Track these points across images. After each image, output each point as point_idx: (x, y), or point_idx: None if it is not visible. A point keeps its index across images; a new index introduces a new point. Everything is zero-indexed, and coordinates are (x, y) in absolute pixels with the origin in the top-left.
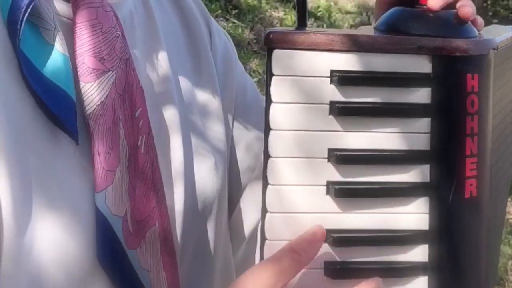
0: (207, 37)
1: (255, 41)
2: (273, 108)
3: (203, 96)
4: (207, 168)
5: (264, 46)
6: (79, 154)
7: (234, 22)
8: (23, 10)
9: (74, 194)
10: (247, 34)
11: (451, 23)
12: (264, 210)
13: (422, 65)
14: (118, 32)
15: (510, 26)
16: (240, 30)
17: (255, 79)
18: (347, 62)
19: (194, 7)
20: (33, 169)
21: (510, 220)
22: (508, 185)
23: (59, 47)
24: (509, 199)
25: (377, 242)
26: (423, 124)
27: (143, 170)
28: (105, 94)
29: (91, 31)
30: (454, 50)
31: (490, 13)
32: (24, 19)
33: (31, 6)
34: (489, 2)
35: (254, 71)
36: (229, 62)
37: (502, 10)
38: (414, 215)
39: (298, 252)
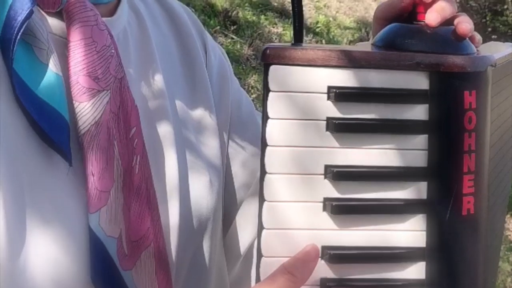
0: (202, 53)
1: (253, 57)
2: (270, 124)
3: (198, 113)
4: (202, 185)
5: (261, 61)
6: (72, 175)
7: (232, 38)
8: (17, 29)
9: (68, 215)
10: (246, 50)
11: (449, 40)
12: (260, 227)
13: (419, 81)
14: (112, 51)
15: (509, 43)
16: (238, 45)
17: (254, 95)
18: (344, 78)
19: (189, 23)
20: (26, 190)
21: (509, 237)
22: (506, 202)
23: (52, 67)
24: (507, 216)
25: (374, 259)
26: (421, 140)
27: (137, 190)
28: (99, 114)
29: (85, 50)
30: (451, 66)
31: (489, 29)
32: (18, 38)
33: (24, 25)
34: (488, 18)
35: (252, 87)
36: (225, 78)
37: (501, 26)
38: (411, 232)
39: (292, 273)
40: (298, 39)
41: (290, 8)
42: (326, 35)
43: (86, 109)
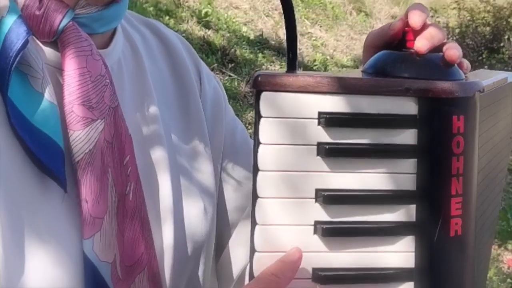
0: (196, 82)
1: (251, 94)
2: (262, 149)
3: (192, 141)
4: (196, 211)
5: (252, 88)
6: (67, 201)
7: (230, 75)
8: (12, 58)
9: (63, 240)
10: (243, 87)
11: (438, 66)
12: (252, 250)
13: (408, 106)
14: (107, 81)
15: (498, 71)
16: (236, 83)
17: (251, 130)
18: (335, 104)
19: (184, 52)
20: (23, 216)
21: (503, 269)
22: (493, 227)
23: (47, 95)
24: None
25: (365, 280)
26: (409, 164)
27: (131, 216)
28: (93, 143)
29: (80, 79)
30: (440, 92)
31: (486, 67)
32: (13, 69)
33: (19, 55)
34: (484, 55)
35: (250, 124)
36: (219, 107)
37: (497, 63)
38: (400, 253)
39: (276, 275)
40: (291, 68)
41: (286, 46)
42: None
43: (81, 137)
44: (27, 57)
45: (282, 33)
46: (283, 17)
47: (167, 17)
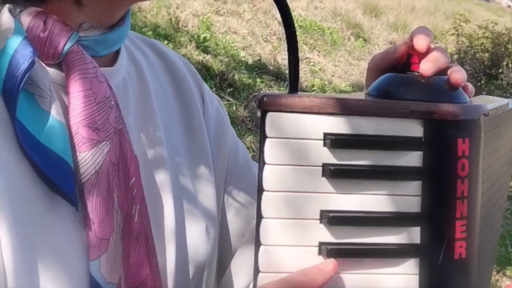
0: (199, 103)
1: (249, 118)
2: (267, 169)
3: (195, 162)
4: (198, 232)
5: (258, 108)
6: (76, 221)
7: (228, 100)
8: (19, 79)
9: (71, 260)
10: (241, 112)
11: (442, 89)
12: (256, 270)
13: (413, 129)
14: (112, 102)
15: (499, 98)
16: (234, 107)
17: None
18: (340, 125)
19: (187, 74)
20: (32, 236)
21: None
22: (494, 252)
23: (55, 115)
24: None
25: None
26: (414, 187)
27: (136, 238)
28: (99, 164)
29: (85, 101)
30: (445, 114)
31: (484, 93)
32: (20, 88)
33: (26, 75)
34: (483, 82)
35: (248, 148)
36: (222, 128)
37: (496, 89)
38: (404, 275)
39: (307, 276)
40: (293, 89)
41: (285, 71)
42: None
43: (87, 159)
44: (34, 77)
45: (281, 58)
46: (282, 42)
47: (165, 42)
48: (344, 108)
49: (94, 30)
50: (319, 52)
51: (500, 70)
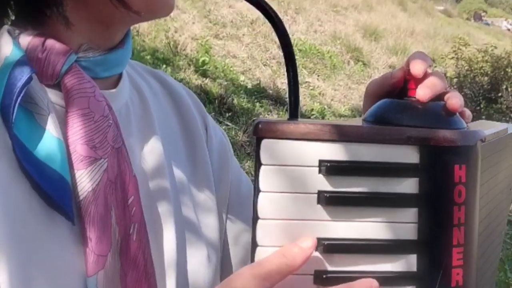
0: (203, 132)
1: (248, 143)
2: (261, 197)
3: (198, 188)
4: (199, 259)
5: (253, 135)
6: (73, 238)
7: (227, 125)
8: (16, 94)
9: (68, 276)
10: (241, 137)
11: (439, 115)
12: None
13: (410, 155)
14: (110, 121)
15: (498, 123)
16: (233, 132)
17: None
18: (335, 152)
19: (190, 102)
20: (29, 251)
21: None
22: (493, 278)
23: (53, 131)
24: None
25: None
26: (411, 214)
27: (134, 257)
28: (96, 181)
29: (83, 120)
30: (442, 140)
31: (483, 117)
32: (17, 104)
33: (24, 90)
34: (482, 105)
35: (247, 173)
36: (225, 158)
37: (495, 113)
38: None
39: (287, 257)
40: (293, 115)
41: (285, 95)
42: None
43: (84, 176)
44: (32, 95)
45: (280, 82)
46: (281, 66)
47: (164, 66)
48: (340, 134)
49: (93, 51)
50: (318, 76)
51: (500, 94)
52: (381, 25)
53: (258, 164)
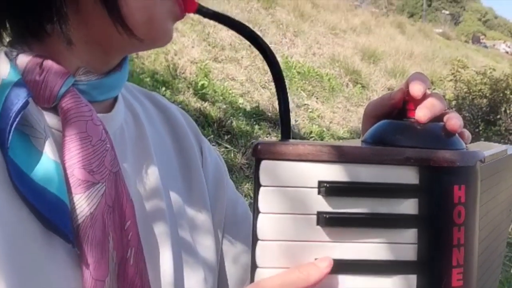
0: (198, 155)
1: (247, 165)
2: (261, 218)
3: (194, 211)
4: (196, 280)
5: (252, 156)
6: (71, 261)
7: (226, 147)
8: (12, 118)
9: None
10: (239, 159)
11: (439, 136)
12: None
13: (409, 176)
14: (107, 145)
15: (498, 144)
16: (232, 154)
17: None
18: (335, 172)
19: (185, 125)
20: (28, 275)
21: None
22: None
23: (50, 154)
24: None
25: None
26: (410, 234)
27: (132, 282)
28: (94, 206)
29: (80, 144)
30: (441, 161)
31: (482, 139)
32: (13, 128)
33: (20, 114)
34: (481, 128)
35: (246, 195)
36: (220, 180)
37: (494, 136)
38: None
39: (302, 272)
40: (285, 136)
41: (279, 114)
42: None
43: (82, 200)
44: (28, 118)
45: None
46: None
47: (163, 88)
48: (339, 155)
49: (90, 75)
50: (317, 98)
51: (498, 116)
52: (379, 47)
53: (257, 185)
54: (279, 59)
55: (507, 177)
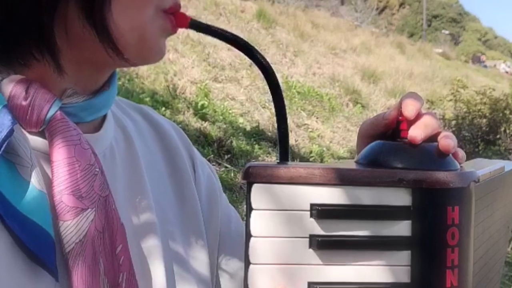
0: (190, 170)
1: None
2: (253, 241)
3: (187, 226)
4: None
5: (244, 180)
6: None
7: (226, 167)
8: None
9: None
10: (239, 179)
11: (432, 156)
12: None
13: (402, 197)
14: (97, 170)
15: (495, 160)
16: (232, 174)
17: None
18: (327, 195)
19: (177, 139)
20: None
21: None
22: None
23: (36, 184)
24: None
25: None
26: (403, 256)
27: None
28: (83, 233)
29: (68, 169)
30: (434, 182)
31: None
32: None
33: (4, 144)
34: (480, 147)
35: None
36: (214, 195)
37: (493, 155)
38: None
39: None
40: (284, 159)
41: (277, 133)
42: None
43: (70, 227)
44: (14, 145)
45: None
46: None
47: (163, 108)
48: (331, 177)
49: (78, 97)
50: (317, 118)
51: (498, 136)
52: (379, 67)
53: (249, 208)
54: (279, 79)
55: (503, 194)
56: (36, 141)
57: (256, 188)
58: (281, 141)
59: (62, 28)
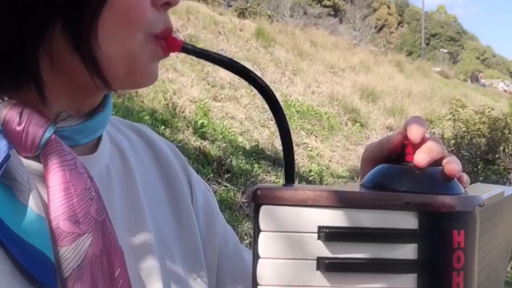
0: (187, 188)
1: (247, 204)
2: (261, 263)
3: (185, 246)
4: None
5: (252, 201)
6: None
7: (226, 186)
8: None
9: None
10: (239, 198)
11: (437, 180)
12: None
13: (408, 221)
14: (93, 194)
15: (496, 185)
16: (232, 193)
17: (247, 241)
18: (334, 218)
19: (172, 158)
20: None
21: None
22: None
23: (34, 208)
24: None
25: None
26: (410, 279)
27: None
28: (81, 258)
29: (64, 194)
30: (440, 206)
31: (481, 178)
32: None
33: (2, 169)
34: (479, 167)
35: (246, 234)
36: (211, 212)
37: (492, 175)
38: None
39: None
40: (289, 181)
41: (283, 157)
42: (319, 184)
43: (68, 253)
44: (11, 170)
45: (278, 144)
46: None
47: (162, 127)
48: (338, 200)
49: (72, 120)
50: (316, 137)
51: (497, 155)
52: (378, 86)
53: (257, 230)
54: (278, 97)
55: (504, 219)
56: (31, 165)
57: (264, 210)
58: (286, 163)
59: (47, 60)
